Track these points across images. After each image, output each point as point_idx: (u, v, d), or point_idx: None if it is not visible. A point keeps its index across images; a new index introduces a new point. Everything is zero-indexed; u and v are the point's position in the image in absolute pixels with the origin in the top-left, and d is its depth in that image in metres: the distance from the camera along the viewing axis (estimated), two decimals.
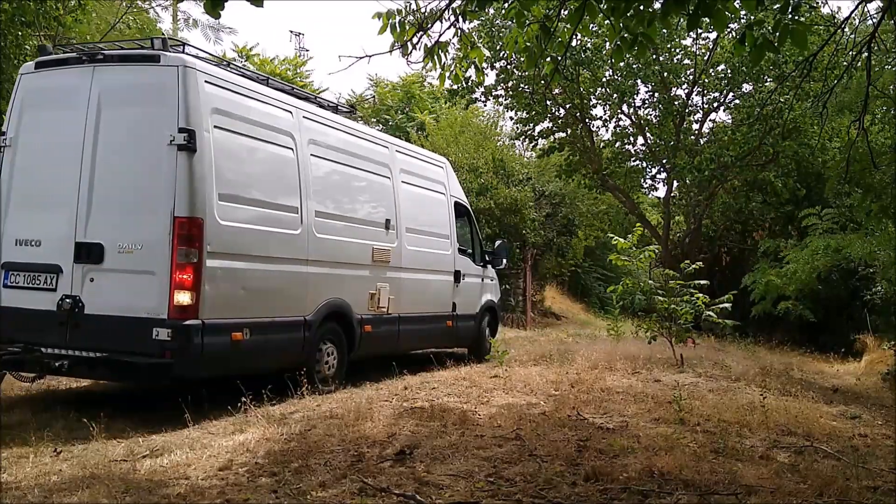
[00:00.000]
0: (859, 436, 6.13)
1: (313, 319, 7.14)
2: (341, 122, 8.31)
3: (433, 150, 20.08)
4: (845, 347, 15.62)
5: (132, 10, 15.73)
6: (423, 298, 9.46)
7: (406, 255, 8.95)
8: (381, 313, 8.34)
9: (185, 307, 5.77)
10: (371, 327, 8.11)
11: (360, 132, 8.74)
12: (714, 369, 9.45)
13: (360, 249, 8.07)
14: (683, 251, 18.09)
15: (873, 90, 8.31)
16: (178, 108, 5.92)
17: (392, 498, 3.89)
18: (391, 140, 9.73)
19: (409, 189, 9.29)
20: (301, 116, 7.37)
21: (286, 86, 8.08)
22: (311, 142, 7.40)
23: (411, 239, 9.14)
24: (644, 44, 4.57)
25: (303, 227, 7.10)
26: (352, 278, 7.91)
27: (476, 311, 10.76)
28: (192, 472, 4.35)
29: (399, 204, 8.95)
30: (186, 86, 5.97)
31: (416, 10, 4.91)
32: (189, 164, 5.89)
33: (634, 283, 10.88)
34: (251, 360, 6.57)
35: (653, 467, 4.49)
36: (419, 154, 10.44)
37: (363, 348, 8.01)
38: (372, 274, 8.28)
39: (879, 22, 6.02)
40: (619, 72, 17.30)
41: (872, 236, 11.73)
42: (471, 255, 10.89)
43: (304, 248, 7.10)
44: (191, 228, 5.84)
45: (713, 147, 17.51)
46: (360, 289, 8.04)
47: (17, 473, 4.33)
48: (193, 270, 5.81)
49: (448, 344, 10.57)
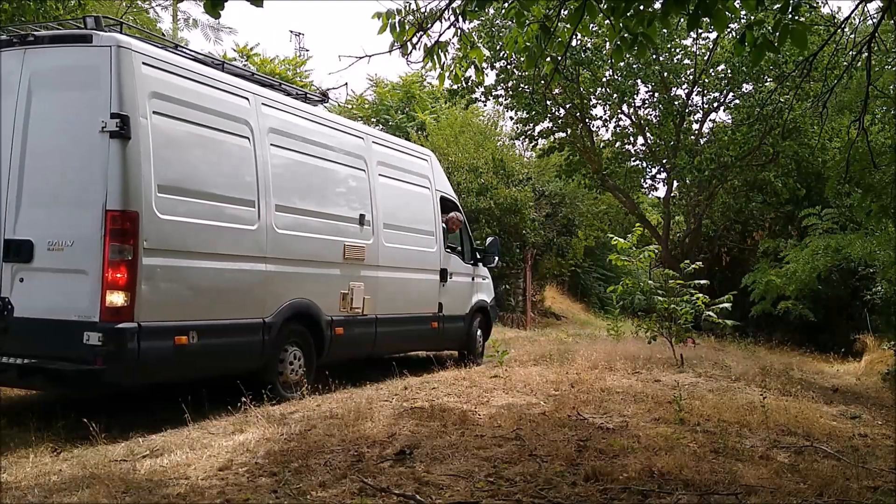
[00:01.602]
0: (859, 436, 6.13)
1: (274, 321, 6.67)
2: (309, 110, 7.78)
3: (433, 150, 20.22)
4: (845, 347, 15.65)
5: (132, 10, 15.74)
6: (404, 298, 8.96)
7: (384, 252, 8.44)
8: (356, 314, 7.86)
9: (119, 309, 5.33)
10: (343, 329, 7.63)
11: (332, 121, 8.18)
12: (714, 369, 9.45)
13: (330, 246, 7.58)
14: (683, 251, 18.10)
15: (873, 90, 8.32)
16: (111, 92, 5.44)
17: (392, 498, 3.89)
18: (367, 130, 9.18)
19: (387, 183, 8.76)
20: (259, 104, 6.86)
21: (245, 71, 7.61)
22: (271, 131, 6.91)
23: (390, 235, 8.63)
24: (644, 44, 4.57)
25: (261, 222, 6.61)
26: (320, 277, 7.43)
27: (466, 311, 10.27)
28: (192, 472, 4.35)
29: (376, 198, 8.40)
30: (120, 67, 5.48)
31: (415, 10, 4.91)
32: (123, 152, 5.42)
33: (634, 283, 10.88)
34: (200, 366, 6.14)
35: (653, 467, 4.49)
36: (400, 146, 9.81)
37: (334, 352, 7.54)
38: (344, 273, 7.78)
39: (879, 22, 6.02)
40: (619, 72, 17.30)
41: (872, 236, 11.73)
42: (460, 252, 10.37)
43: (263, 245, 6.62)
44: (124, 223, 5.38)
45: (713, 147, 17.52)
46: (330, 288, 7.57)
47: (17, 473, 4.34)
48: (128, 269, 5.36)
49: (434, 347, 10.02)
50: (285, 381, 6.88)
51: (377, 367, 9.09)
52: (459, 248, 10.42)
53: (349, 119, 11.80)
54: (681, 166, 17.05)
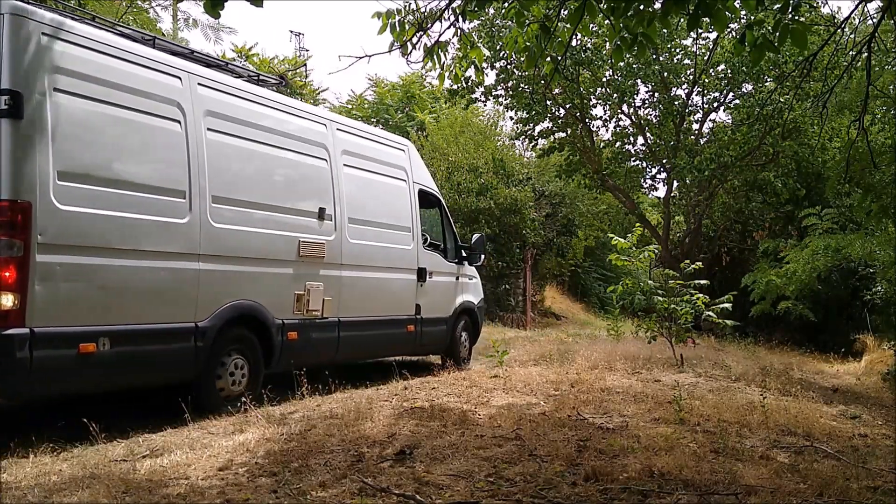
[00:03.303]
0: (859, 436, 6.14)
1: (209, 326, 6.06)
2: (260, 93, 7.08)
3: (433, 150, 20.25)
4: (845, 347, 15.64)
5: (132, 10, 15.72)
6: (374, 300, 8.27)
7: (349, 249, 7.78)
8: (313, 317, 7.23)
9: (7, 313, 4.76)
10: (297, 334, 7.01)
11: (287, 106, 7.44)
12: (714, 369, 9.46)
13: (281, 243, 6.93)
14: (683, 251, 18.09)
15: (873, 90, 8.32)
16: (1, 66, 4.86)
17: (392, 498, 3.89)
18: (331, 117, 8.36)
19: (354, 174, 8.06)
20: (195, 84, 6.23)
21: (183, 48, 6.93)
22: (209, 114, 6.29)
23: (357, 231, 7.95)
24: (644, 44, 4.58)
25: (192, 214, 5.98)
26: (269, 277, 6.79)
27: (449, 314, 9.62)
28: (192, 472, 4.35)
29: (340, 190, 7.71)
30: (13, 38, 4.90)
31: (415, 10, 4.92)
32: (14, 134, 4.85)
33: (634, 283, 10.88)
34: (115, 377, 5.55)
35: (653, 467, 4.49)
36: (371, 134, 8.96)
37: (286, 359, 6.86)
38: (299, 271, 7.11)
39: (879, 22, 6.02)
40: (619, 72, 17.29)
41: (872, 236, 11.73)
42: (442, 250, 9.71)
43: (195, 241, 5.99)
44: (13, 214, 4.80)
45: (713, 147, 17.51)
46: (282, 289, 6.92)
47: (17, 473, 4.34)
48: (17, 267, 4.80)
49: (410, 351, 9.37)
50: (225, 392, 6.31)
51: (377, 368, 9.09)
52: (442, 245, 9.82)
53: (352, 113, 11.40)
54: (681, 166, 17.05)
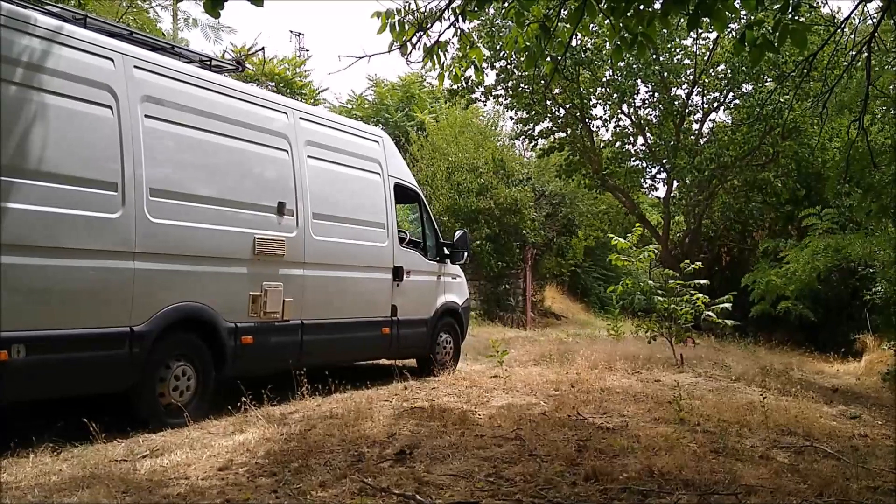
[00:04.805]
0: (859, 436, 6.14)
1: (148, 330, 5.54)
2: (210, 78, 6.51)
3: (433, 150, 20.26)
4: (845, 347, 15.63)
5: (132, 10, 15.72)
6: (343, 301, 7.70)
7: (314, 247, 7.21)
8: (272, 320, 6.68)
9: None
10: (253, 338, 6.48)
11: (243, 93, 6.89)
12: (714, 369, 9.47)
13: (233, 240, 6.37)
14: (683, 251, 18.08)
15: (873, 90, 8.30)
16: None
17: (392, 498, 3.89)
18: (294, 105, 7.76)
19: (320, 166, 7.51)
20: (130, 66, 5.68)
21: (121, 29, 6.32)
22: (147, 99, 5.76)
23: (322, 227, 7.37)
24: (644, 44, 4.58)
25: (126, 209, 5.45)
26: (218, 277, 6.25)
27: (429, 315, 8.96)
28: (192, 472, 4.35)
29: (303, 184, 7.18)
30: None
31: (415, 10, 4.92)
32: None
33: (634, 283, 10.90)
34: (31, 387, 5.03)
35: (653, 467, 4.49)
36: (340, 124, 8.32)
37: (240, 365, 6.39)
38: (254, 271, 6.56)
39: (879, 22, 6.03)
40: (619, 72, 17.30)
41: (872, 236, 11.73)
42: (422, 248, 9.10)
43: (129, 238, 5.46)
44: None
45: (713, 147, 17.52)
46: (235, 290, 6.39)
47: (17, 473, 4.33)
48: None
49: (385, 354, 8.72)
50: (168, 402, 5.77)
51: (377, 368, 9.09)
52: (423, 242, 9.22)
53: (350, 113, 11.18)
54: (681, 166, 17.05)
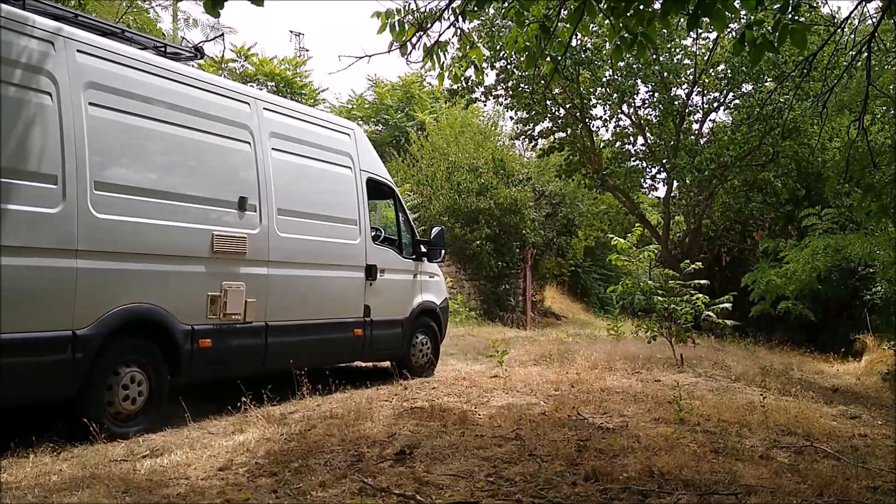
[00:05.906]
0: (859, 436, 6.14)
1: (92, 334, 5.18)
2: (163, 65, 6.12)
3: (433, 150, 20.26)
4: (845, 347, 15.65)
5: (132, 10, 15.73)
6: (311, 301, 7.33)
7: (278, 244, 6.86)
8: (233, 322, 6.31)
9: None
10: (212, 341, 6.12)
11: (200, 81, 6.48)
12: (714, 369, 9.47)
13: (188, 236, 6.00)
14: (683, 251, 18.11)
15: (873, 90, 8.32)
16: None
17: (392, 498, 3.89)
18: (257, 94, 7.38)
19: (286, 159, 7.17)
20: (73, 51, 5.33)
21: (66, 11, 5.94)
22: (91, 86, 5.41)
23: (288, 224, 7.01)
24: (644, 44, 4.58)
25: (67, 203, 5.11)
26: (173, 276, 5.88)
27: (405, 315, 8.61)
28: (192, 472, 4.36)
29: (267, 178, 6.82)
30: None
31: (415, 10, 4.92)
32: None
33: (634, 283, 10.90)
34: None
35: (653, 467, 4.49)
36: (308, 115, 7.90)
37: (199, 369, 6.05)
38: (213, 270, 6.20)
39: (879, 22, 6.02)
40: (619, 72, 17.31)
41: (872, 236, 11.74)
42: (398, 245, 8.76)
43: (70, 234, 5.12)
44: None
45: (713, 147, 17.54)
46: (191, 290, 6.03)
47: (17, 473, 4.34)
48: None
49: (358, 357, 8.38)
50: (117, 411, 5.44)
51: (377, 368, 9.10)
52: (399, 240, 8.88)
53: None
54: (681, 166, 17.06)
